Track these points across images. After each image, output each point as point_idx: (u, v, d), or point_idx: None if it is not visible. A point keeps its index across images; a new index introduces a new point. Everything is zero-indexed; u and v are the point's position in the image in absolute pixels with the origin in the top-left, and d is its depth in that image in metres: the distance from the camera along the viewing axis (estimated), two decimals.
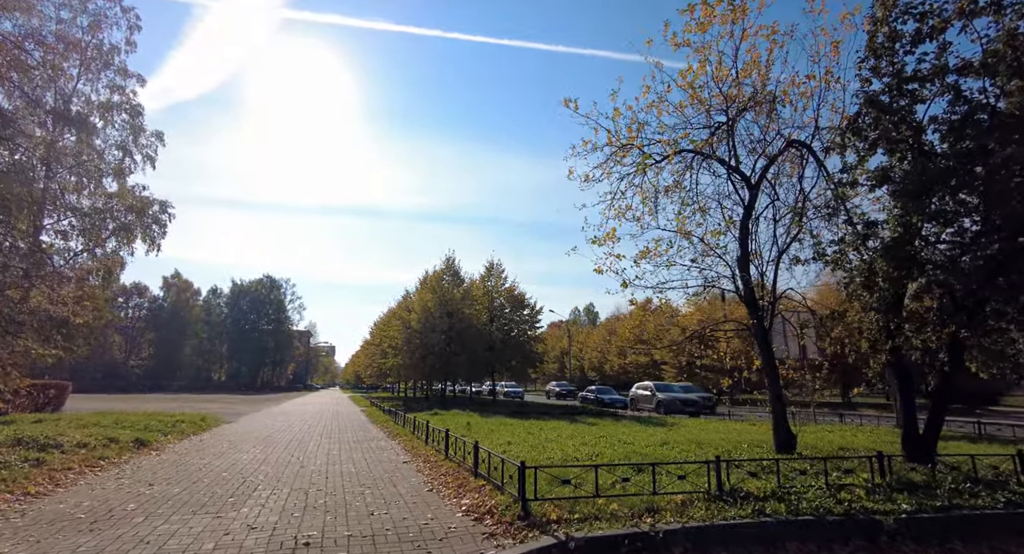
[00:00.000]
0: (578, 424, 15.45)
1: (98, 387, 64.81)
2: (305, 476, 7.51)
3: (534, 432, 12.52)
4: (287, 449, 10.29)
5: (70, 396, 39.42)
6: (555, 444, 9.99)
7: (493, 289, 31.49)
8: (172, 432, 12.87)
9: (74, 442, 9.31)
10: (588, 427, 14.37)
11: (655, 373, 49.27)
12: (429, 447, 10.02)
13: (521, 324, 30.71)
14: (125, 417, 15.72)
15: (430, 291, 30.03)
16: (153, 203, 18.99)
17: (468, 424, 14.44)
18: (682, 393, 25.34)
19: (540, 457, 8.06)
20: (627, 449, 8.89)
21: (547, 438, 11.14)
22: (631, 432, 12.98)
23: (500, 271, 31.43)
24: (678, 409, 23.08)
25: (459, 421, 16.01)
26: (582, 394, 32.80)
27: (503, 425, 14.56)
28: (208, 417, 17.10)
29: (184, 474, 7.54)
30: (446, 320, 29.25)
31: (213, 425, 15.66)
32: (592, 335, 59.18)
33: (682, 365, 42.29)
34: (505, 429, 13.33)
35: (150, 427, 13.22)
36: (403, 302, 35.83)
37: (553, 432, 12.62)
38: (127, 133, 18.43)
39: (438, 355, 28.44)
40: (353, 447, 10.62)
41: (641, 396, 25.73)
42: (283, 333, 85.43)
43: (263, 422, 17.14)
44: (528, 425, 14.68)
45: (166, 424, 14.05)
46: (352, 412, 23.29)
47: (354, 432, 13.93)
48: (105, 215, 18.06)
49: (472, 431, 12.73)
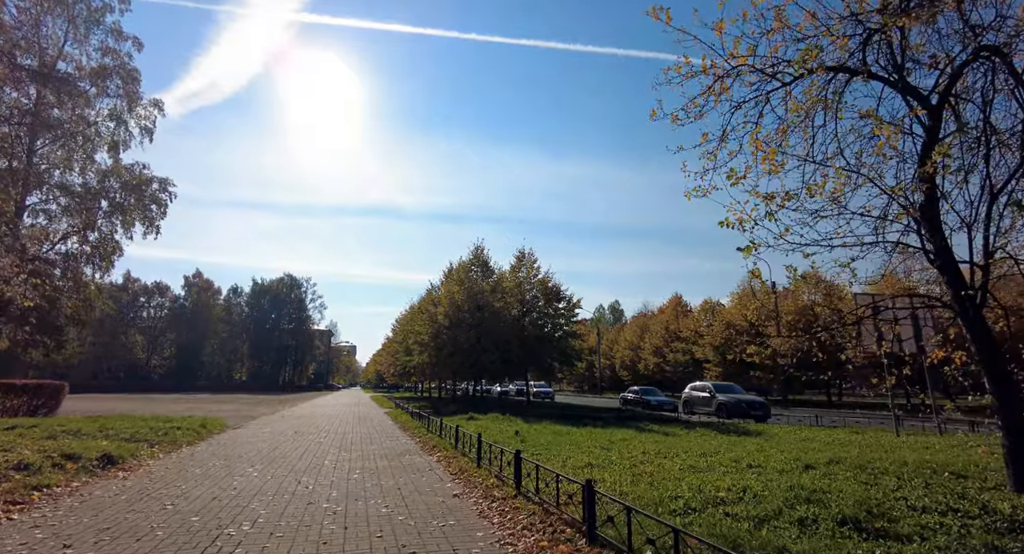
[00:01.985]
0: (648, 433, 12.71)
1: (120, 387, 64.27)
2: (313, 523, 4.98)
3: (607, 446, 9.85)
4: (294, 470, 7.81)
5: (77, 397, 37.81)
6: (652, 467, 7.31)
7: (524, 280, 28.83)
8: (162, 442, 10.58)
9: (12, 463, 6.97)
10: (665, 438, 11.62)
11: (697, 373, 46.03)
12: (483, 470, 7.42)
13: (556, 318, 27.98)
14: (116, 422, 13.56)
15: (457, 283, 27.53)
16: (152, 180, 16.84)
17: (517, 433, 11.83)
18: (744, 394, 22.33)
19: (658, 494, 5.41)
20: (777, 480, 6.13)
21: (633, 457, 8.46)
22: (729, 446, 10.20)
23: (532, 261, 28.77)
24: (743, 413, 20.12)
25: (502, 428, 13.43)
26: (624, 395, 29.92)
27: (559, 435, 11.91)
28: (210, 422, 14.86)
29: (135, 519, 5.09)
30: (475, 314, 26.71)
31: (215, 431, 13.38)
32: (624, 332, 56.08)
33: (728, 363, 39.04)
34: (565, 441, 10.68)
35: (137, 436, 10.96)
36: (428, 296, 33.48)
37: (630, 446, 9.93)
38: (122, 101, 16.31)
39: (467, 352, 25.91)
40: (381, 468, 8.10)
41: (697, 398, 22.80)
42: (304, 332, 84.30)
43: (275, 427, 14.85)
44: (589, 435, 12.01)
45: (158, 431, 11.79)
46: (376, 415, 20.92)
47: (380, 442, 11.45)
48: (98, 194, 16.00)
49: (528, 444, 10.11)
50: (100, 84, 15.89)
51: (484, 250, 28.61)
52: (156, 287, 76.54)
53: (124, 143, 16.39)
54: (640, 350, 52.08)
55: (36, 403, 17.09)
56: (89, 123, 15.31)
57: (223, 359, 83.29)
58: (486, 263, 28.45)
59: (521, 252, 29.11)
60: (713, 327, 41.52)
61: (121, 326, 73.87)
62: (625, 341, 55.35)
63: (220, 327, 79.84)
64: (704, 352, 40.93)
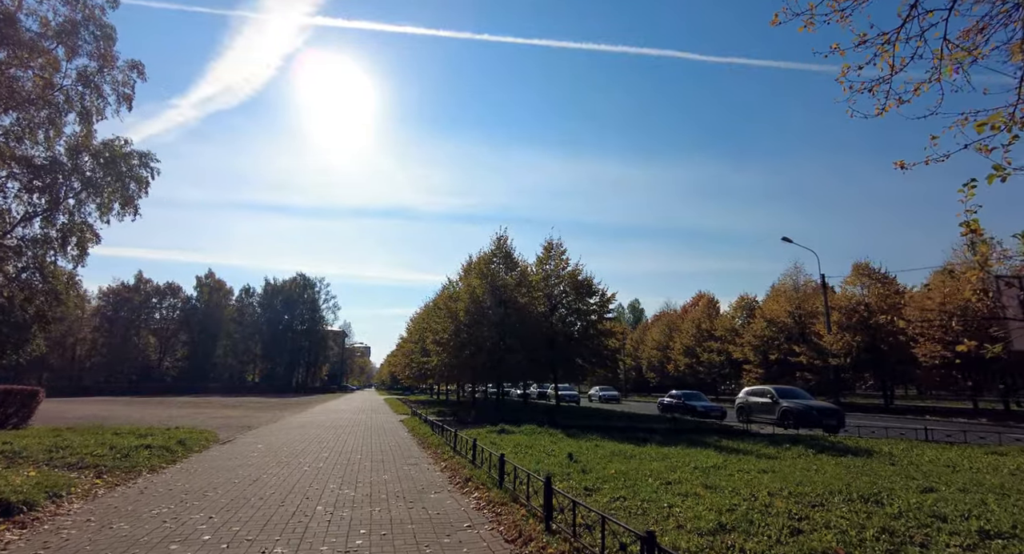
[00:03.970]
0: (733, 454, 9.96)
1: (132, 389, 63.00)
2: None
3: (705, 480, 7.16)
4: (268, 526, 5.28)
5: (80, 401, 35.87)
6: (831, 535, 4.62)
7: (552, 273, 26.17)
8: (114, 469, 8.17)
9: None
10: (767, 464, 8.87)
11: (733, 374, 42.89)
12: (558, 540, 4.76)
13: (588, 315, 25.26)
14: (78, 437, 11.26)
15: (477, 276, 24.97)
16: (131, 155, 14.52)
17: (571, 457, 9.17)
18: (812, 400, 19.38)
19: None
20: None
21: (761, 502, 5.77)
22: (862, 474, 7.43)
23: (561, 252, 26.06)
24: (813, 421, 17.20)
25: (545, 446, 10.81)
26: (663, 400, 27.02)
27: (622, 458, 9.25)
28: (195, 435, 12.48)
29: None
30: (498, 310, 24.12)
31: (195, 449, 10.97)
32: (650, 331, 53.01)
33: (771, 363, 35.89)
34: (637, 469, 8.02)
35: (86, 461, 8.59)
36: (444, 292, 31.00)
37: (732, 479, 7.25)
38: (94, 62, 14.01)
39: (490, 352, 23.33)
40: (398, 521, 5.52)
41: (755, 404, 19.90)
42: (318, 333, 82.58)
43: (271, 441, 12.43)
44: (661, 458, 9.33)
45: (120, 452, 9.42)
46: (390, 424, 18.44)
47: (396, 467, 8.90)
48: (68, 170, 13.74)
49: (592, 475, 7.47)
50: (69, 43, 13.61)
51: (507, 240, 25.97)
52: (168, 288, 75.45)
53: (98, 111, 14.08)
54: (669, 350, 49.00)
55: (5, 412, 14.93)
56: (56, 88, 13.04)
57: (236, 361, 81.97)
58: (509, 254, 25.81)
59: (549, 242, 26.45)
60: (752, 325, 38.39)
61: (133, 328, 72.87)
62: (652, 341, 52.30)
63: (232, 328, 78.50)
64: (743, 352, 37.81)
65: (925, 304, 25.89)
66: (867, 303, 31.45)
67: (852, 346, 30.38)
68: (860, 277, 32.63)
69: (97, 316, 71.72)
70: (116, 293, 71.80)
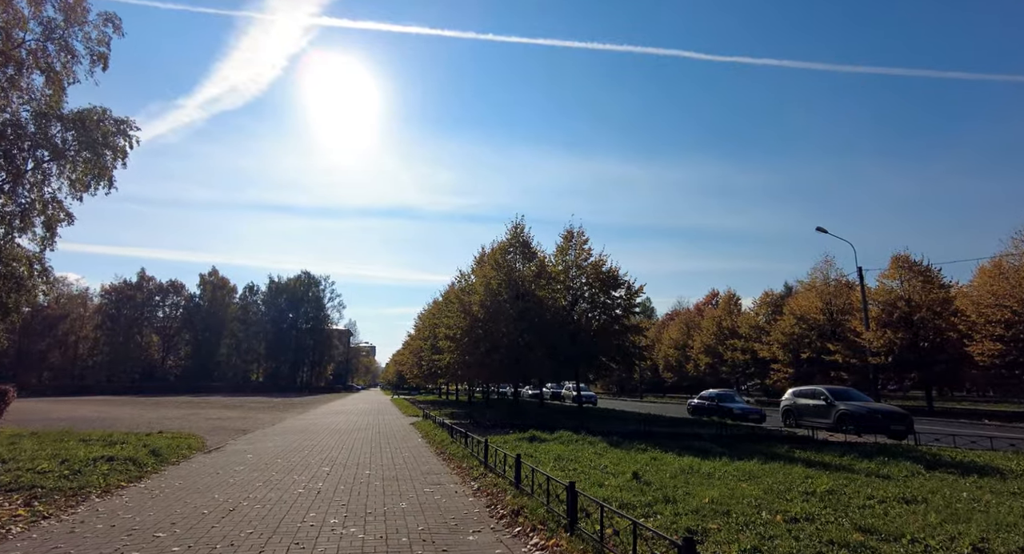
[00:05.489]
0: (841, 474, 7.99)
1: (133, 389, 61.50)
2: None
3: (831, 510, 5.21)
4: None
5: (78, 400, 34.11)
6: None
7: (573, 264, 24.21)
8: (54, 492, 6.34)
9: None
10: (895, 486, 6.89)
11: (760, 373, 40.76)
12: None
13: (613, 309, 23.30)
14: (33, 445, 9.49)
15: (493, 267, 23.08)
16: (105, 120, 12.69)
17: (636, 477, 7.24)
18: (872, 402, 17.32)
19: None
20: None
21: None
22: None
23: (583, 241, 24.11)
24: (878, 426, 15.18)
25: (591, 459, 8.92)
26: (694, 401, 24.98)
27: (699, 478, 7.34)
28: (174, 444, 10.63)
29: None
30: (516, 304, 22.22)
31: (171, 461, 9.12)
32: (668, 330, 50.87)
33: (802, 362, 33.73)
34: (728, 495, 6.09)
35: (21, 480, 6.77)
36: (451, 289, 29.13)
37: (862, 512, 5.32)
38: (60, 15, 12.17)
39: (507, 349, 21.42)
40: None
41: (806, 407, 17.86)
42: (322, 332, 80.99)
43: (263, 450, 10.58)
44: (746, 476, 7.40)
45: (72, 467, 7.60)
46: (401, 429, 16.57)
47: (414, 490, 7.02)
48: (32, 138, 11.94)
49: (681, 505, 5.53)
50: None
51: (524, 229, 24.05)
52: (171, 285, 74.11)
53: (67, 70, 12.27)
54: (688, 349, 46.88)
55: None
56: (16, 42, 11.24)
57: (240, 360, 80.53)
58: (527, 244, 23.87)
59: (569, 230, 24.51)
60: (780, 322, 36.25)
61: (136, 326, 71.54)
62: (669, 339, 50.17)
63: (236, 327, 77.04)
64: (771, 350, 35.66)
65: (982, 298, 23.69)
66: (908, 298, 29.26)
67: (894, 344, 28.21)
68: (900, 270, 30.39)
69: (99, 314, 70.46)
70: (118, 291, 70.49)
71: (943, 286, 29.14)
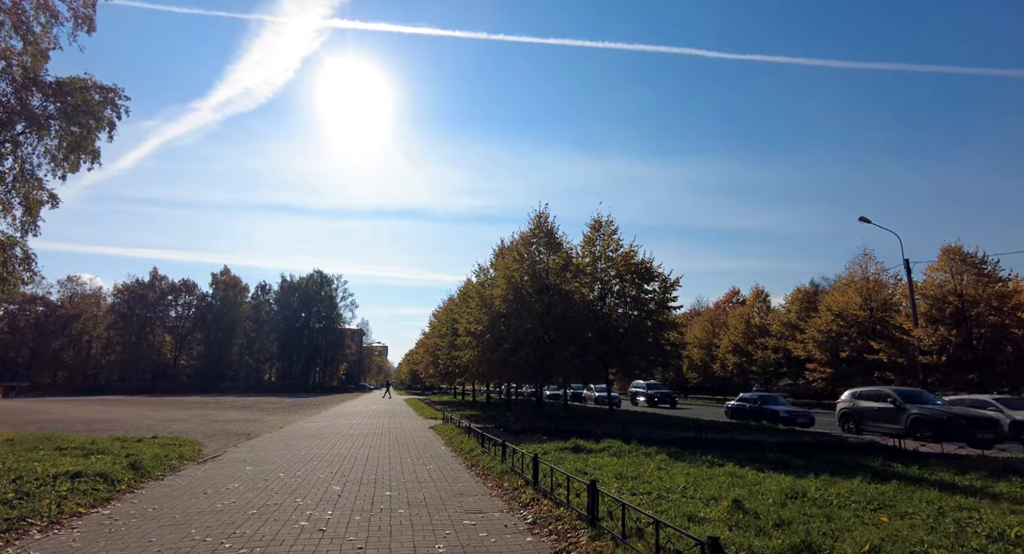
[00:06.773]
0: (990, 502, 6.24)
1: (145, 388, 60.91)
2: None
3: None
4: None
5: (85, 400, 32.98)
6: None
7: (601, 255, 22.50)
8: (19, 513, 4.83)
9: None
10: None
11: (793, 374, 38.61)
12: None
13: (646, 304, 21.58)
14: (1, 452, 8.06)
15: (515, 260, 21.48)
16: (89, 87, 11.33)
17: (737, 504, 5.57)
18: (947, 405, 15.39)
19: None
20: None
21: None
22: None
23: (611, 231, 22.39)
24: (962, 433, 13.29)
25: (659, 478, 7.25)
26: (733, 404, 23.14)
27: (813, 508, 5.67)
28: (167, 451, 9.17)
29: None
30: (541, 298, 20.60)
31: (154, 473, 7.63)
32: (692, 329, 48.82)
33: (841, 362, 31.60)
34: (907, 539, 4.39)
35: None
36: (468, 285, 27.60)
37: None
38: None
39: (532, 347, 19.79)
40: None
41: (869, 410, 15.98)
42: (335, 331, 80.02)
43: (265, 458, 9.08)
44: (876, 502, 5.70)
45: (28, 483, 6.14)
46: (420, 434, 15.01)
47: (450, 523, 5.44)
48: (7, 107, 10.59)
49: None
50: None
51: (548, 218, 22.40)
52: (183, 285, 73.64)
53: (45, 31, 10.90)
54: (714, 348, 44.83)
55: None
56: None
57: (252, 359, 79.94)
58: (552, 234, 22.21)
59: (597, 219, 22.79)
60: (815, 319, 34.12)
61: (148, 325, 71.18)
62: (693, 338, 48.11)
63: (248, 326, 76.41)
64: (807, 349, 33.55)
65: None
66: (960, 292, 27.05)
67: (947, 342, 26.04)
68: (951, 263, 28.17)
69: (112, 313, 70.21)
70: (130, 290, 70.16)
71: (1001, 279, 26.90)
